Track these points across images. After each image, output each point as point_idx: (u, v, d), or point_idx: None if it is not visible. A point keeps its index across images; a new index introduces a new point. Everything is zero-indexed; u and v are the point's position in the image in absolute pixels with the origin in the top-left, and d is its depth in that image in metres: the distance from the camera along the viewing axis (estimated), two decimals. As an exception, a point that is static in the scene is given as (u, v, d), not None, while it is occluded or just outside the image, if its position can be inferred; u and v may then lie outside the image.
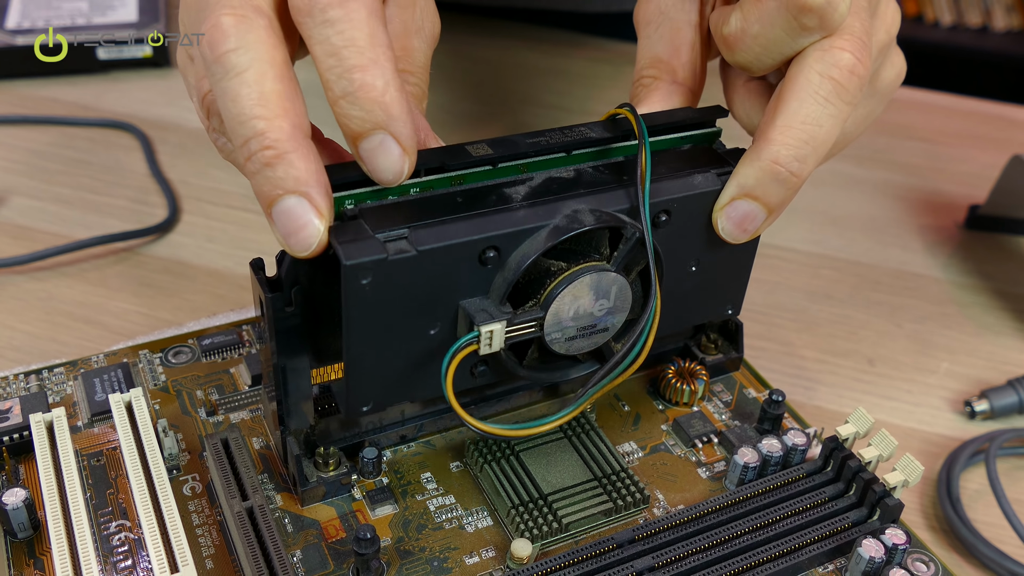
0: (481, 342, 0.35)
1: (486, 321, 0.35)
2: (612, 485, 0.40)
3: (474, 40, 0.91)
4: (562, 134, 0.38)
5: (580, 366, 0.40)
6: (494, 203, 0.36)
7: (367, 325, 0.34)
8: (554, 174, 0.37)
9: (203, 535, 0.38)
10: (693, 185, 0.38)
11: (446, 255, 0.34)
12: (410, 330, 0.35)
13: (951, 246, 0.68)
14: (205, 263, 0.63)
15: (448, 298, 0.35)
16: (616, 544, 0.37)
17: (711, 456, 0.43)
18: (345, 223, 0.34)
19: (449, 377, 0.34)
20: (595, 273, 0.36)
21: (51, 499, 0.37)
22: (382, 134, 0.32)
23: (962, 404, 0.56)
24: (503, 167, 0.37)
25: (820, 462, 0.41)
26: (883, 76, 0.42)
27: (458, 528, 0.38)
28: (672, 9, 0.42)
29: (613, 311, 0.38)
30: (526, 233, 0.35)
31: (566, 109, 0.82)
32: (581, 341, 0.38)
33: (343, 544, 0.37)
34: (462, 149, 0.37)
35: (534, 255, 0.35)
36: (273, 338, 0.35)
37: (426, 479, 0.40)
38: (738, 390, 0.46)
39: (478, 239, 0.34)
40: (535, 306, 0.36)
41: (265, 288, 0.34)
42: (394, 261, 0.33)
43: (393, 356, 0.35)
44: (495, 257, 0.35)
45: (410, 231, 0.34)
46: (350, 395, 0.36)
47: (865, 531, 0.38)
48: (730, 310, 0.43)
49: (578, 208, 0.36)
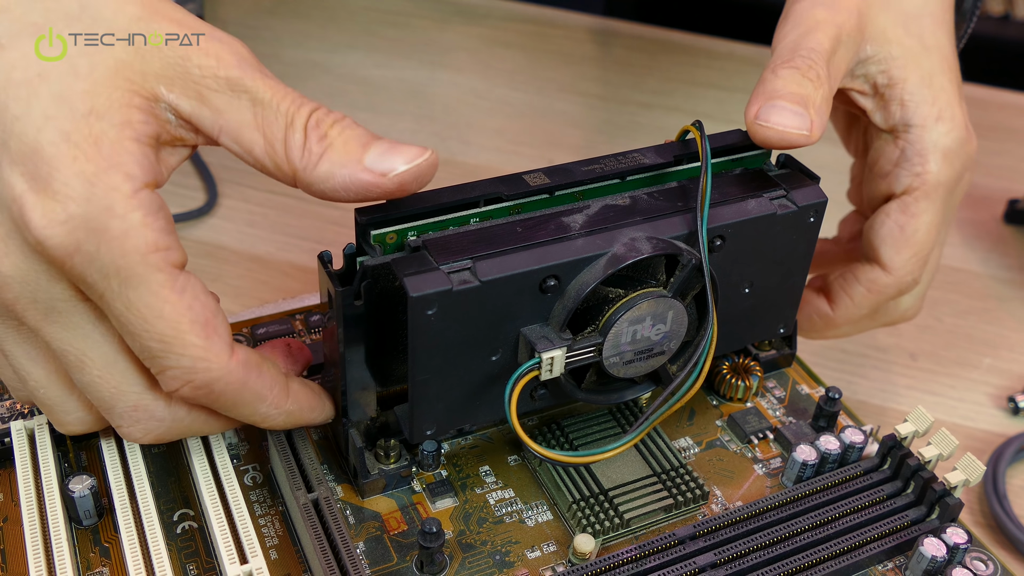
0: (543, 368, 0.35)
1: (547, 348, 0.35)
2: (671, 481, 0.40)
3: (506, 25, 0.90)
4: (616, 161, 0.39)
5: (637, 387, 0.41)
6: (553, 232, 0.36)
7: (432, 353, 0.35)
8: (610, 201, 0.38)
9: (266, 525, 0.38)
10: (747, 211, 0.39)
11: (508, 285, 0.35)
12: (473, 356, 0.36)
13: (990, 240, 0.68)
14: (246, 248, 0.64)
15: (509, 325, 0.36)
16: (678, 540, 0.37)
17: (767, 452, 0.43)
18: (409, 255, 0.34)
19: (513, 404, 0.35)
20: (653, 299, 0.37)
21: (118, 487, 0.37)
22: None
23: (1005, 400, 0.56)
24: (560, 195, 0.38)
25: (877, 460, 0.41)
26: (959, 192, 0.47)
27: (518, 522, 0.39)
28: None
29: (670, 335, 0.38)
30: (585, 262, 0.36)
31: (603, 97, 0.82)
32: (638, 364, 0.38)
33: (405, 536, 0.38)
34: (519, 179, 0.37)
35: (593, 283, 0.36)
36: (342, 330, 0.35)
37: (484, 472, 0.40)
38: (791, 386, 0.46)
39: (539, 269, 0.35)
40: (594, 332, 0.37)
41: (336, 282, 0.35)
42: (459, 292, 0.34)
43: (456, 382, 0.36)
44: (555, 285, 0.36)
45: (473, 262, 0.34)
46: (415, 420, 0.37)
47: (925, 530, 0.38)
48: (782, 328, 0.44)
49: (635, 236, 0.37)
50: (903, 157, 0.44)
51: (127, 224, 0.30)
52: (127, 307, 0.31)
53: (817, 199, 0.40)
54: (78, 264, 0.30)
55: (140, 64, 0.31)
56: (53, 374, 0.35)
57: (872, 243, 0.45)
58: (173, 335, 0.32)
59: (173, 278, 0.31)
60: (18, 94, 0.30)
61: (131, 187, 0.30)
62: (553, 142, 0.76)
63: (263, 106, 0.32)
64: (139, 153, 0.31)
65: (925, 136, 0.44)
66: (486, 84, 0.82)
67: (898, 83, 0.44)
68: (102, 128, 0.30)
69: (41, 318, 0.32)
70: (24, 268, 0.31)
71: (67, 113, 0.30)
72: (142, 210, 0.31)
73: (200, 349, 0.32)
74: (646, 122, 0.79)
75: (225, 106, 0.32)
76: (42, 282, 0.31)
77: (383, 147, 0.33)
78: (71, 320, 0.33)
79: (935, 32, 0.45)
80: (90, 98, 0.30)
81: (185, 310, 0.32)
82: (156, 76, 0.31)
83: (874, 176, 0.46)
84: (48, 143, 0.30)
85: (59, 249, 0.30)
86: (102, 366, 0.33)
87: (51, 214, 0.30)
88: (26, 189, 0.30)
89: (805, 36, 0.41)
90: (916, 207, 0.44)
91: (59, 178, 0.30)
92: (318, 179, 0.33)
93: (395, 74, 0.83)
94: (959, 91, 0.45)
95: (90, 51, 0.31)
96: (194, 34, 0.32)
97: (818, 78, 0.40)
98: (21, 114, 0.30)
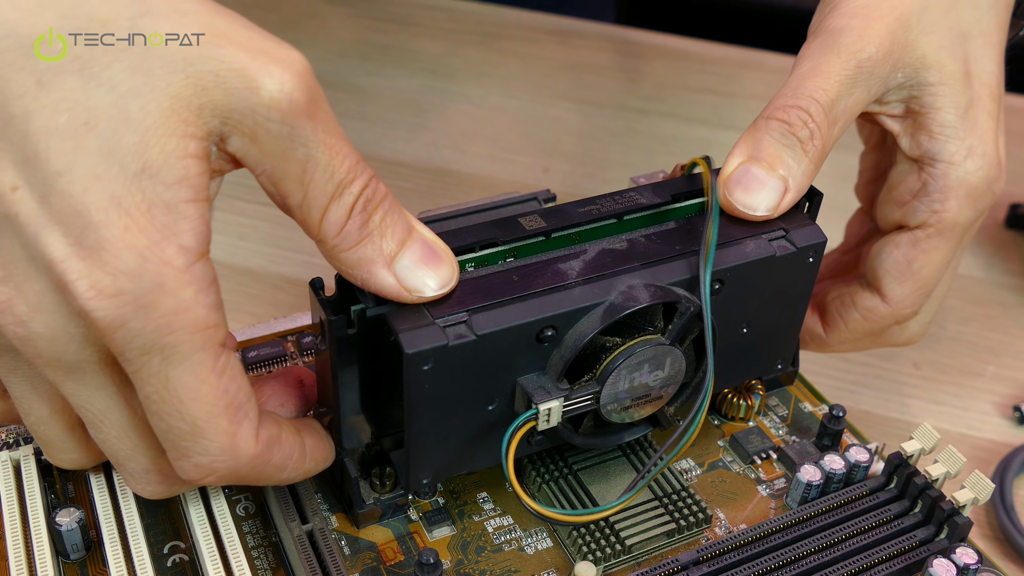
0: (540, 419, 0.35)
1: (544, 399, 0.35)
2: (673, 504, 0.39)
3: (500, 32, 0.89)
4: (613, 201, 0.39)
5: (634, 429, 0.40)
6: (549, 280, 0.35)
7: (428, 406, 0.34)
8: (607, 245, 0.37)
9: (259, 557, 0.37)
10: (746, 254, 0.38)
11: (505, 337, 0.34)
12: (469, 407, 0.35)
13: (992, 245, 0.67)
14: (238, 261, 0.63)
15: (506, 375, 0.35)
16: (681, 566, 0.36)
17: (770, 473, 0.42)
18: (404, 308, 0.33)
19: (510, 458, 0.34)
20: (651, 347, 0.36)
21: (106, 519, 0.36)
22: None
23: (1010, 409, 0.55)
24: (556, 238, 0.37)
25: (883, 479, 0.40)
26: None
27: (518, 550, 0.38)
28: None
29: (667, 380, 0.37)
30: (582, 311, 0.35)
31: (598, 103, 0.81)
32: (636, 410, 0.38)
33: (402, 568, 0.37)
34: (515, 222, 0.37)
35: (591, 334, 0.35)
36: (335, 359, 0.34)
37: (483, 499, 0.40)
38: (794, 404, 0.45)
39: (536, 320, 0.34)
40: (591, 380, 0.36)
41: (328, 310, 0.34)
42: (455, 347, 0.33)
43: (453, 431, 0.36)
44: (552, 336, 0.35)
45: (469, 315, 0.34)
46: (411, 471, 0.36)
47: (934, 550, 0.37)
48: (780, 365, 0.43)
49: (632, 284, 0.36)
50: (924, 191, 0.42)
51: (178, 302, 0.28)
52: (163, 385, 0.29)
53: (816, 239, 0.39)
54: (119, 337, 0.28)
55: (198, 99, 0.28)
56: (57, 414, 0.33)
57: (875, 271, 0.44)
58: (206, 419, 0.30)
59: (215, 358, 0.30)
60: (63, 145, 0.27)
61: (185, 261, 0.28)
62: (548, 150, 0.75)
63: (316, 165, 0.30)
64: (195, 217, 0.29)
65: (951, 173, 0.41)
66: (480, 92, 0.81)
67: (930, 112, 0.41)
68: (156, 192, 0.28)
69: (63, 376, 0.31)
70: (57, 329, 0.29)
71: (117, 173, 0.28)
72: (194, 286, 0.29)
73: (229, 437, 0.31)
74: (642, 128, 0.78)
75: (277, 152, 0.30)
76: (73, 345, 0.30)
77: (418, 253, 0.33)
78: (95, 381, 0.31)
79: (983, 56, 0.42)
80: (142, 153, 0.28)
81: (222, 393, 0.30)
82: (214, 110, 0.28)
83: (890, 200, 0.44)
84: (96, 208, 0.27)
85: (104, 322, 0.28)
86: (120, 428, 0.32)
87: (99, 285, 0.28)
88: (70, 254, 0.28)
89: (812, 76, 0.39)
90: (928, 244, 0.42)
91: (109, 249, 0.27)
92: (344, 262, 0.32)
93: (387, 82, 0.82)
94: (997, 123, 0.42)
95: (143, 91, 0.28)
96: (267, 63, 0.29)
97: (810, 137, 0.38)
98: (65, 170, 0.27)
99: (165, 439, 0.31)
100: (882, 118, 0.42)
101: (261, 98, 0.29)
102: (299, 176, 0.30)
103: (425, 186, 0.71)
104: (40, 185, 0.28)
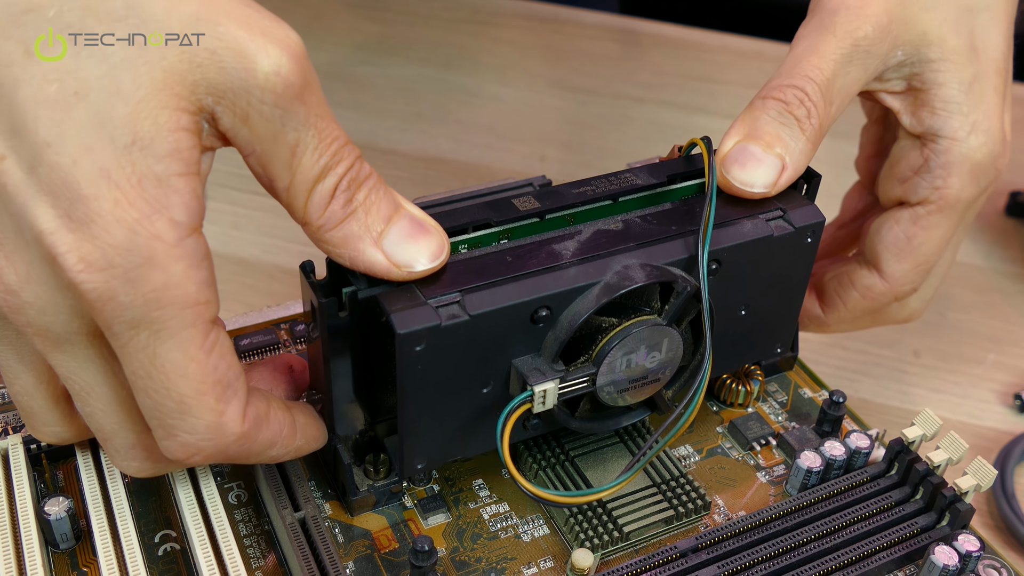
0: (535, 401, 0.34)
1: (539, 381, 0.34)
2: (672, 491, 0.38)
3: (494, 20, 0.89)
4: (608, 182, 0.38)
5: (632, 413, 0.39)
6: (544, 261, 0.35)
7: (421, 389, 0.34)
8: (602, 226, 0.37)
9: (251, 546, 0.37)
10: (743, 234, 0.37)
11: (498, 318, 0.33)
12: (463, 390, 0.35)
13: (992, 233, 0.67)
14: (232, 251, 0.62)
15: (500, 357, 0.35)
16: (679, 553, 0.36)
17: (769, 459, 0.41)
18: (396, 288, 0.33)
19: (505, 440, 0.34)
20: (647, 328, 0.35)
21: (96, 508, 0.36)
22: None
23: (1011, 397, 0.54)
24: (550, 219, 0.36)
25: (884, 465, 0.39)
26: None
27: (514, 537, 0.37)
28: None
29: (665, 362, 0.37)
30: (577, 291, 0.34)
31: (594, 92, 0.80)
32: (633, 392, 0.37)
33: (397, 555, 0.36)
34: (509, 203, 0.36)
35: (586, 314, 0.34)
36: (327, 343, 0.34)
37: (478, 486, 0.39)
38: (793, 390, 0.45)
39: (530, 300, 0.34)
40: (587, 362, 0.36)
41: (319, 293, 0.33)
42: (447, 327, 0.32)
43: (447, 415, 0.35)
44: (547, 316, 0.34)
45: (462, 295, 0.33)
46: (405, 456, 0.35)
47: (935, 537, 0.37)
48: (779, 348, 0.42)
49: (628, 263, 0.35)
50: (926, 167, 0.41)
51: (168, 276, 0.28)
52: (151, 361, 0.29)
53: (814, 219, 0.38)
54: (108, 311, 0.28)
55: (192, 74, 0.28)
56: (43, 385, 0.33)
57: (874, 248, 0.43)
58: (193, 396, 0.29)
59: (205, 335, 0.29)
60: (51, 116, 0.27)
61: (176, 235, 0.28)
62: (544, 138, 0.75)
63: (304, 149, 0.30)
64: (186, 191, 0.28)
65: (954, 149, 0.40)
66: (475, 80, 0.81)
67: (931, 88, 0.40)
68: (146, 164, 0.27)
69: (51, 346, 0.30)
70: (45, 299, 0.29)
71: (107, 145, 0.27)
72: (185, 261, 0.28)
73: (216, 415, 0.30)
74: (638, 116, 0.77)
75: (268, 136, 0.29)
76: (62, 316, 0.29)
77: (405, 228, 0.32)
78: (84, 353, 0.30)
79: (988, 31, 0.41)
80: (133, 125, 0.27)
81: (211, 371, 0.29)
82: (208, 87, 0.28)
83: (892, 176, 0.43)
84: (86, 180, 0.27)
85: (93, 294, 0.27)
86: (106, 402, 0.31)
87: (89, 258, 0.27)
88: (59, 226, 0.27)
89: (808, 55, 0.38)
90: (928, 220, 0.42)
91: (99, 222, 0.27)
92: (330, 242, 0.31)
93: (381, 71, 0.81)
94: (1003, 98, 0.42)
95: (136, 63, 0.27)
96: (266, 43, 0.28)
97: (807, 116, 0.38)
98: (54, 140, 0.27)
99: (151, 417, 0.30)
100: (882, 95, 0.42)
101: (257, 79, 0.28)
102: (287, 160, 0.30)
103: (420, 175, 0.70)
104: (28, 156, 0.27)
